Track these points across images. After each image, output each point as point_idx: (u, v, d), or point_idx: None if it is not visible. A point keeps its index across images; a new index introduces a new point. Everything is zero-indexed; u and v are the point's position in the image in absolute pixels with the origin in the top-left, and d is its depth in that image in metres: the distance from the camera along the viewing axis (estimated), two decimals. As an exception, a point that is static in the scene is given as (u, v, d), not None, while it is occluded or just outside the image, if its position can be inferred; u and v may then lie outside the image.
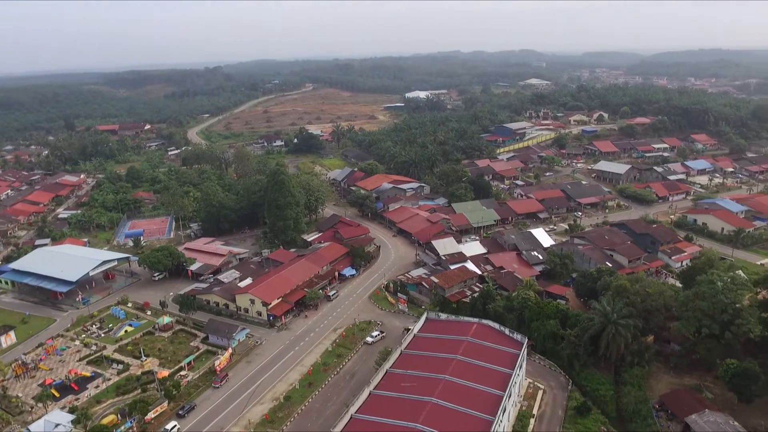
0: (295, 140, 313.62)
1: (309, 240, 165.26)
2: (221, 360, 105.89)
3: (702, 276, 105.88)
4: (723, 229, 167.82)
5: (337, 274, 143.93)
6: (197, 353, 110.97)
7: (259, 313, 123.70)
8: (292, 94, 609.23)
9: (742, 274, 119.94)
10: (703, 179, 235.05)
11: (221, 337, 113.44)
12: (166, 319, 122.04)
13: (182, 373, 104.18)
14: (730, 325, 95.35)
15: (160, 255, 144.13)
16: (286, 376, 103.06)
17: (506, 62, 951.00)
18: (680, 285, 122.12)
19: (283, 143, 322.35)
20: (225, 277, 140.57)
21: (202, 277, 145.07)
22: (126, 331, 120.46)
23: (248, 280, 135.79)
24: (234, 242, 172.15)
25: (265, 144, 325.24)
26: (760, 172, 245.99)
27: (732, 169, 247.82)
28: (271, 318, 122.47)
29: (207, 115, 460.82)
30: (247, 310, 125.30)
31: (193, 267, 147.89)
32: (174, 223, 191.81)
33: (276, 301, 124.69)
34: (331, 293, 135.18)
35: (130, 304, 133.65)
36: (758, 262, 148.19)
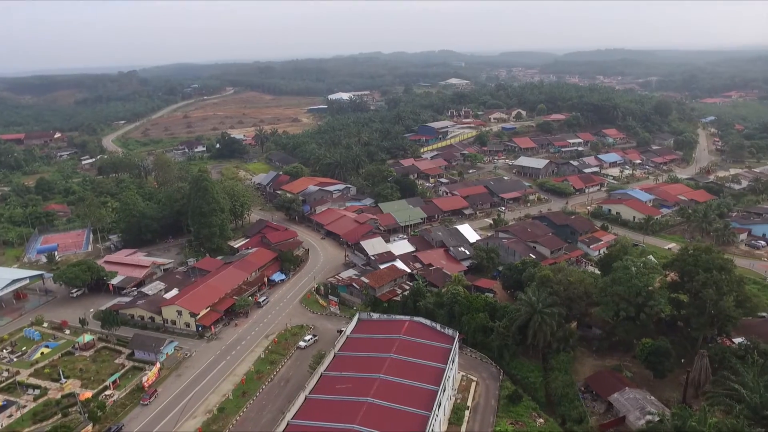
0: (218, 145, 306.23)
1: (236, 246, 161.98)
2: (149, 375, 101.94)
3: (618, 262, 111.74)
4: (634, 217, 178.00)
5: (266, 279, 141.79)
6: (123, 370, 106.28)
7: (188, 325, 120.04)
8: (212, 99, 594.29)
9: (653, 259, 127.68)
10: (615, 171, 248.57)
11: (148, 352, 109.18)
12: (87, 338, 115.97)
13: (107, 392, 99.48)
14: (644, 306, 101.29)
15: (77, 270, 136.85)
16: (219, 387, 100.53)
17: (427, 62, 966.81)
18: (599, 272, 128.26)
19: (204, 149, 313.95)
20: (149, 289, 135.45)
21: (124, 291, 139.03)
22: (42, 353, 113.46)
23: (174, 291, 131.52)
24: (158, 253, 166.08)
25: (187, 150, 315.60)
26: (663, 163, 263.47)
27: (639, 161, 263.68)
28: (200, 328, 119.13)
29: (123, 122, 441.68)
30: (174, 322, 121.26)
31: (115, 281, 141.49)
32: (92, 235, 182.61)
33: (204, 311, 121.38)
34: (261, 299, 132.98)
35: (45, 324, 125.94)
36: (666, 247, 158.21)
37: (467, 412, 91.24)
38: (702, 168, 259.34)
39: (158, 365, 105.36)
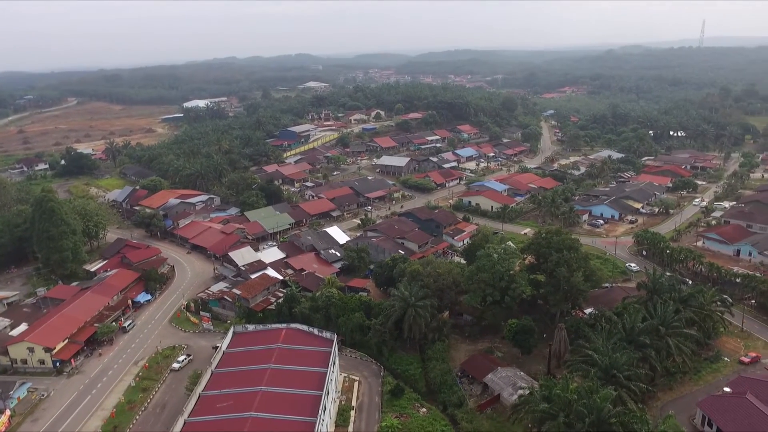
0: (63, 162, 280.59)
1: (93, 270, 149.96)
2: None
3: (481, 251, 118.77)
4: (492, 207, 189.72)
5: (130, 302, 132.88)
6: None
7: (42, 362, 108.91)
8: (52, 111, 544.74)
9: (512, 245, 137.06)
10: (472, 165, 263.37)
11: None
12: None
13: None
14: (508, 290, 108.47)
15: None
16: (85, 425, 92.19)
17: (283, 66, 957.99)
18: (464, 261, 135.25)
19: (47, 166, 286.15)
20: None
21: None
22: None
23: (23, 326, 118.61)
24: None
25: (25, 169, 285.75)
26: (514, 155, 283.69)
27: (493, 154, 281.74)
28: (58, 364, 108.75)
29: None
30: (25, 361, 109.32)
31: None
32: None
33: (62, 344, 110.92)
34: (126, 324, 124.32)
35: None
36: (522, 232, 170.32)
37: (353, 413, 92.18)
38: (547, 157, 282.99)
39: (8, 413, 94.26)
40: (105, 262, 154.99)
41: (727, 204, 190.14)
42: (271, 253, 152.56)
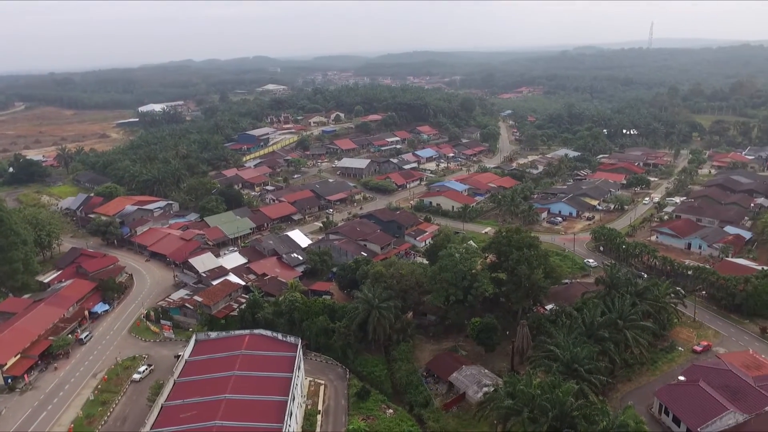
0: (11, 169, 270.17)
1: (46, 281, 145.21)
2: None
3: (443, 251, 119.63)
4: (453, 207, 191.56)
5: (87, 313, 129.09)
6: None
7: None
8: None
9: (473, 244, 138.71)
10: (432, 165, 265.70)
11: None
12: None
13: None
14: (470, 289, 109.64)
15: None
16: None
17: (241, 69, 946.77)
18: (427, 262, 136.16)
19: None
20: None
21: None
22: None
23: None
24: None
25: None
26: (473, 155, 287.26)
27: (452, 154, 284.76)
28: (10, 380, 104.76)
29: None
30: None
31: None
32: None
33: (13, 360, 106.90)
34: (83, 336, 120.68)
35: None
36: (483, 231, 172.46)
37: (319, 417, 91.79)
38: (506, 157, 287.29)
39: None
40: (59, 272, 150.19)
41: (678, 199, 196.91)
42: (233, 259, 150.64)
